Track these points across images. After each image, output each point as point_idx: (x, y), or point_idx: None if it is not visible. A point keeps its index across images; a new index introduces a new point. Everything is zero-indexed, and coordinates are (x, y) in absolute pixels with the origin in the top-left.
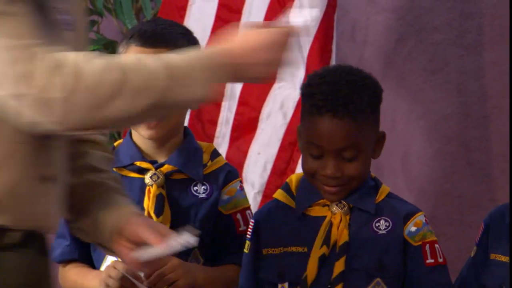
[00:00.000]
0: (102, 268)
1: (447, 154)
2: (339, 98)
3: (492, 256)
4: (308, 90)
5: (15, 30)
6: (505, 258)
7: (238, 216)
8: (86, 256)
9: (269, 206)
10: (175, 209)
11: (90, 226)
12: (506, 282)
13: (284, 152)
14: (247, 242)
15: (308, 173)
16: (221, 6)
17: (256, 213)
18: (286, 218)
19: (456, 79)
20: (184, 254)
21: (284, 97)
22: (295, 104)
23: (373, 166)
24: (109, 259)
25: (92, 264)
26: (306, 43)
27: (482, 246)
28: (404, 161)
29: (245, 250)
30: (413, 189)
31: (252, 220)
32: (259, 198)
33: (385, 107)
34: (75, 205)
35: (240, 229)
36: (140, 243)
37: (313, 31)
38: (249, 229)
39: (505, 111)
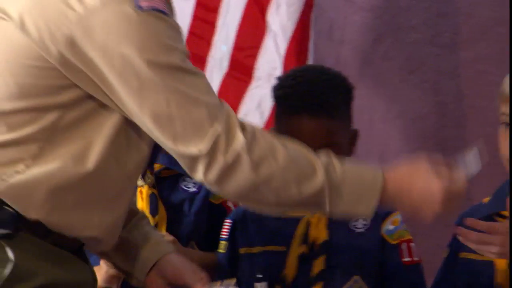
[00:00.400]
0: None
1: (424, 154)
2: (315, 97)
3: (462, 255)
4: (282, 91)
5: (205, 88)
6: (474, 256)
7: (229, 204)
8: None
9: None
10: (168, 206)
11: (121, 253)
12: (474, 278)
13: None
14: (223, 242)
15: None
16: (198, 5)
17: (232, 213)
18: (263, 217)
19: (432, 79)
20: (181, 245)
21: (261, 97)
22: (272, 103)
23: None
24: None
25: None
26: (283, 42)
27: (452, 247)
28: (382, 161)
29: (222, 250)
30: None
31: (229, 220)
32: None
33: (362, 107)
34: None
35: None
36: (175, 283)
37: (290, 31)
38: (224, 229)
39: (481, 110)
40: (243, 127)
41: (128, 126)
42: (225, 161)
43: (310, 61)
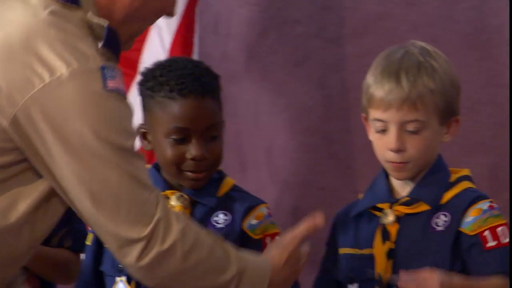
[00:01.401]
0: None
1: (310, 146)
2: (196, 79)
3: (341, 250)
4: (158, 80)
5: (147, 172)
6: (352, 250)
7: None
8: None
9: None
10: None
11: None
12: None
13: None
14: (90, 234)
15: (172, 162)
16: None
17: None
18: None
19: (318, 72)
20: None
21: None
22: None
23: (236, 158)
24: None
25: None
26: (168, 36)
27: (331, 244)
28: (268, 154)
29: (88, 243)
30: (277, 182)
31: None
32: None
33: (249, 100)
34: None
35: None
36: None
37: (174, 25)
38: None
39: None
40: (176, 215)
41: (53, 196)
42: (161, 248)
43: (196, 55)
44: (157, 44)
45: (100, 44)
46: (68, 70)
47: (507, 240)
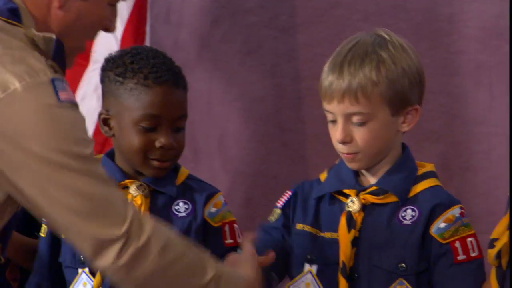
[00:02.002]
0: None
1: (263, 136)
2: (170, 69)
3: (299, 226)
4: (130, 67)
5: (105, 173)
6: (312, 230)
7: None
8: None
9: None
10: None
11: None
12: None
13: (99, 135)
14: (44, 226)
15: (140, 150)
16: None
17: None
18: None
19: (270, 61)
20: None
21: (98, 80)
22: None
23: (189, 147)
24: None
25: None
26: (120, 25)
27: (286, 212)
28: (221, 143)
29: (42, 234)
30: (229, 171)
31: None
32: None
33: (201, 90)
34: None
35: None
36: None
37: (126, 14)
38: None
39: (318, 93)
40: (143, 213)
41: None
42: (138, 244)
43: (147, 44)
44: (109, 33)
45: (45, 58)
46: (21, 85)
47: (476, 253)
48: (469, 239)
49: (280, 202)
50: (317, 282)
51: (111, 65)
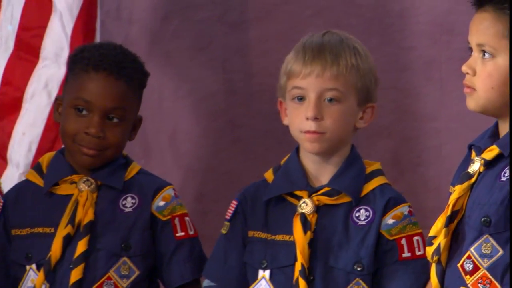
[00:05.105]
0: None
1: (214, 131)
2: (117, 62)
3: (251, 233)
4: (81, 55)
5: None
6: (264, 235)
7: None
8: None
9: (19, 186)
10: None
11: None
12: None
13: (50, 132)
14: None
15: (70, 134)
16: None
17: (5, 193)
18: (35, 198)
19: (221, 57)
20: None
21: (48, 77)
22: (59, 83)
23: (140, 143)
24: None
25: None
26: (70, 22)
27: (235, 223)
28: (172, 139)
29: None
30: (181, 167)
31: (1, 200)
32: (24, 179)
33: (152, 86)
34: None
35: None
36: None
37: (76, 10)
38: None
39: (268, 88)
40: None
41: None
42: None
43: (97, 40)
44: (59, 30)
45: None
46: None
47: (421, 252)
48: (416, 237)
49: (228, 214)
50: (271, 287)
51: (73, 53)
